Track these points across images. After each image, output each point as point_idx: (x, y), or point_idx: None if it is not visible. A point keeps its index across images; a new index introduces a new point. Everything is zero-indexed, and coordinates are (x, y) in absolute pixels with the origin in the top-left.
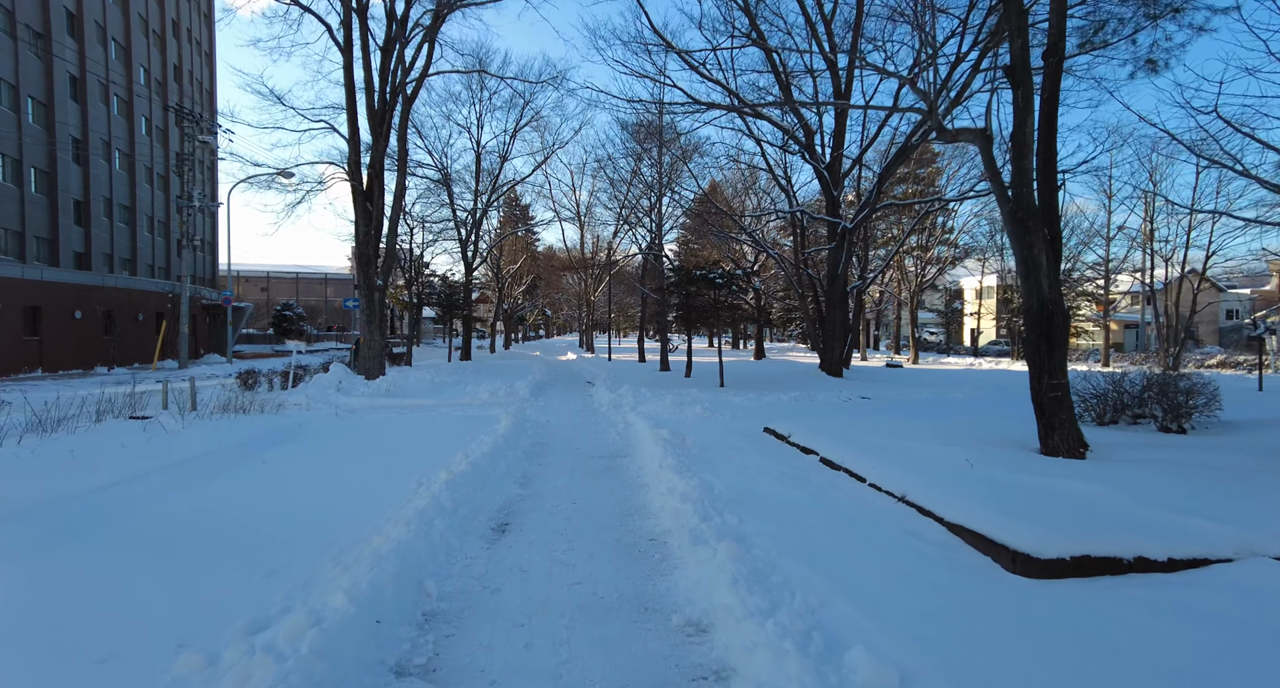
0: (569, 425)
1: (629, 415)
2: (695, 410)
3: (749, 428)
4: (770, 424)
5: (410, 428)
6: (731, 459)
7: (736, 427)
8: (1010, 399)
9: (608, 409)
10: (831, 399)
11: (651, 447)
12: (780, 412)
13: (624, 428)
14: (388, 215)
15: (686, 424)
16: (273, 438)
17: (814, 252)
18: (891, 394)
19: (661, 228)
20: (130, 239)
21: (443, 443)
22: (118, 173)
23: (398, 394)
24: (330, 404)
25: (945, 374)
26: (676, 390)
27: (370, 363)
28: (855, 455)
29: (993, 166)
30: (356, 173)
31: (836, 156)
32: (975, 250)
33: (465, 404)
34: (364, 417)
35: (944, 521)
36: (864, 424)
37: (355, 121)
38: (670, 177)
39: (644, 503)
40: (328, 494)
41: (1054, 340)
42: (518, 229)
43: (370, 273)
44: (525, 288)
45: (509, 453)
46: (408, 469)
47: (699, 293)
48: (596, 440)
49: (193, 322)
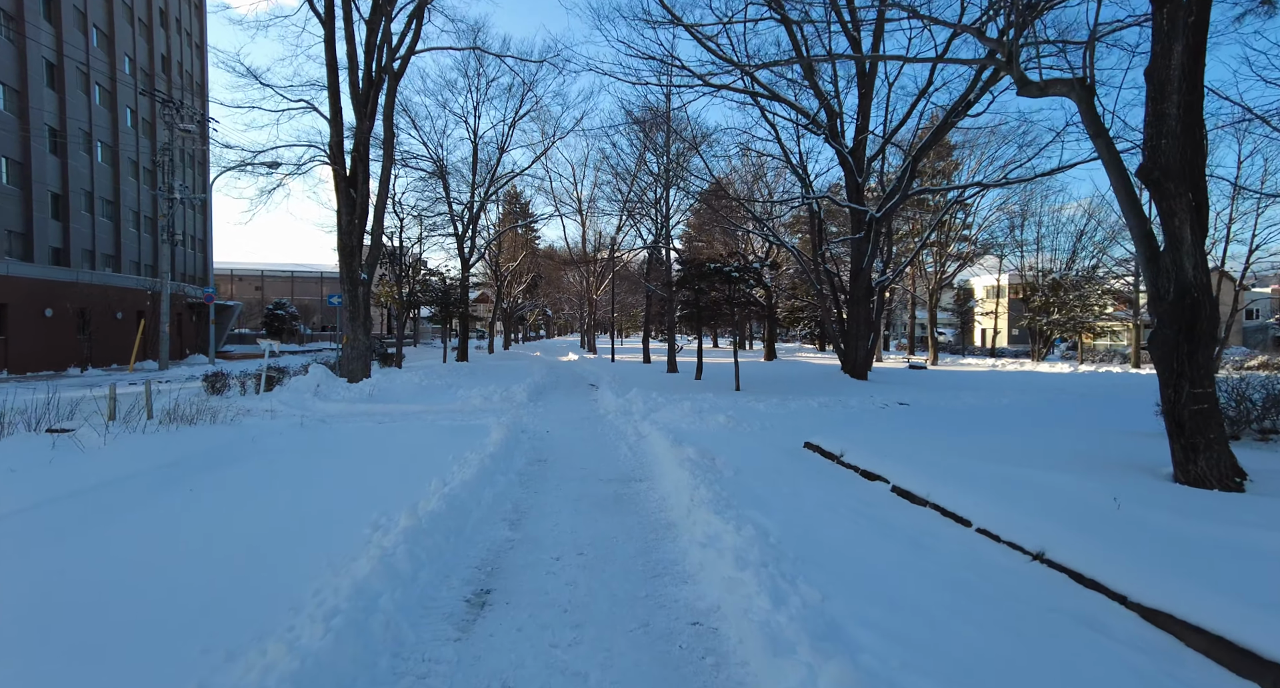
0: (571, 438)
1: (641, 426)
2: (718, 420)
3: (785, 443)
4: (811, 438)
5: (385, 443)
6: (778, 488)
7: (771, 440)
8: (1070, 405)
9: (615, 417)
10: (866, 405)
11: (674, 469)
12: (814, 421)
13: (636, 441)
14: (373, 203)
15: (710, 437)
16: (213, 458)
17: (841, 241)
18: (930, 399)
19: (669, 220)
20: (114, 235)
21: (419, 464)
22: (100, 166)
23: (382, 399)
24: (304, 411)
25: (973, 376)
26: (690, 395)
27: (354, 364)
28: (940, 486)
29: (1097, 123)
30: (339, 157)
31: (860, 141)
32: (994, 247)
33: (455, 411)
34: (336, 428)
35: (1129, 601)
36: (925, 439)
37: (338, 101)
38: (679, 164)
39: (675, 556)
40: (246, 550)
41: (1199, 337)
42: (517, 224)
43: (354, 266)
44: (525, 287)
45: (498, 477)
46: (365, 506)
47: (711, 288)
48: (605, 458)
49: (177, 321)
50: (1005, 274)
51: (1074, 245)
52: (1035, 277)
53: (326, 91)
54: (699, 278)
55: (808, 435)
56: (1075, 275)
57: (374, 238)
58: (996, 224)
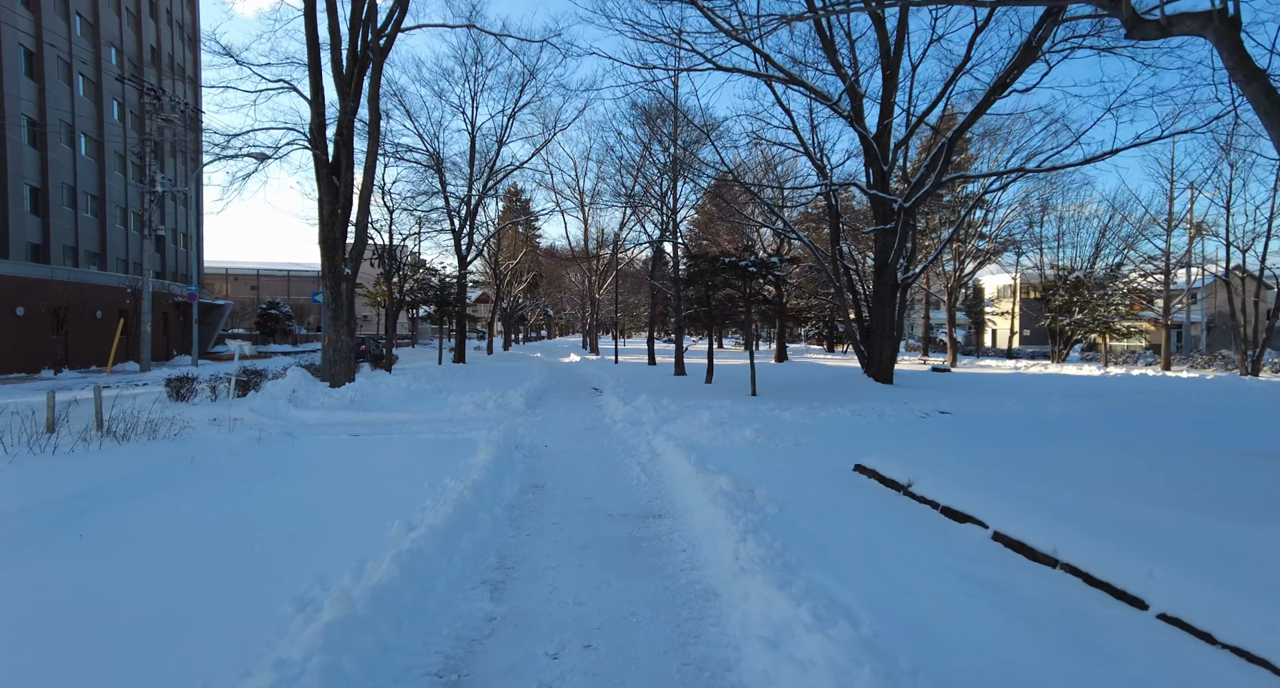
0: (573, 454)
1: (655, 440)
2: (743, 434)
3: (829, 463)
4: (862, 459)
5: (350, 465)
6: (843, 534)
7: (810, 461)
8: (1134, 415)
9: (624, 428)
10: (903, 415)
11: (703, 502)
12: (851, 434)
13: (650, 460)
14: (358, 192)
15: (738, 457)
16: (134, 485)
17: (871, 231)
18: (971, 407)
19: (676, 214)
20: (99, 231)
21: (385, 497)
22: (84, 159)
23: (364, 406)
24: (277, 419)
25: (1000, 379)
26: (704, 401)
27: (336, 367)
28: (1069, 535)
29: (1248, 64)
30: (320, 141)
31: (885, 125)
32: (1013, 244)
33: (444, 420)
34: (301, 442)
35: None
36: (1000, 461)
37: (319, 80)
38: (689, 150)
39: (726, 656)
40: (90, 656)
41: None
42: (517, 220)
43: (337, 260)
44: (526, 286)
45: (481, 515)
46: (292, 570)
47: (725, 284)
48: (614, 483)
49: (163, 320)
50: (1017, 273)
51: (1097, 241)
52: (1056, 275)
53: (307, 70)
54: (712, 273)
55: (853, 454)
56: (1100, 273)
57: (359, 229)
58: (1015, 221)
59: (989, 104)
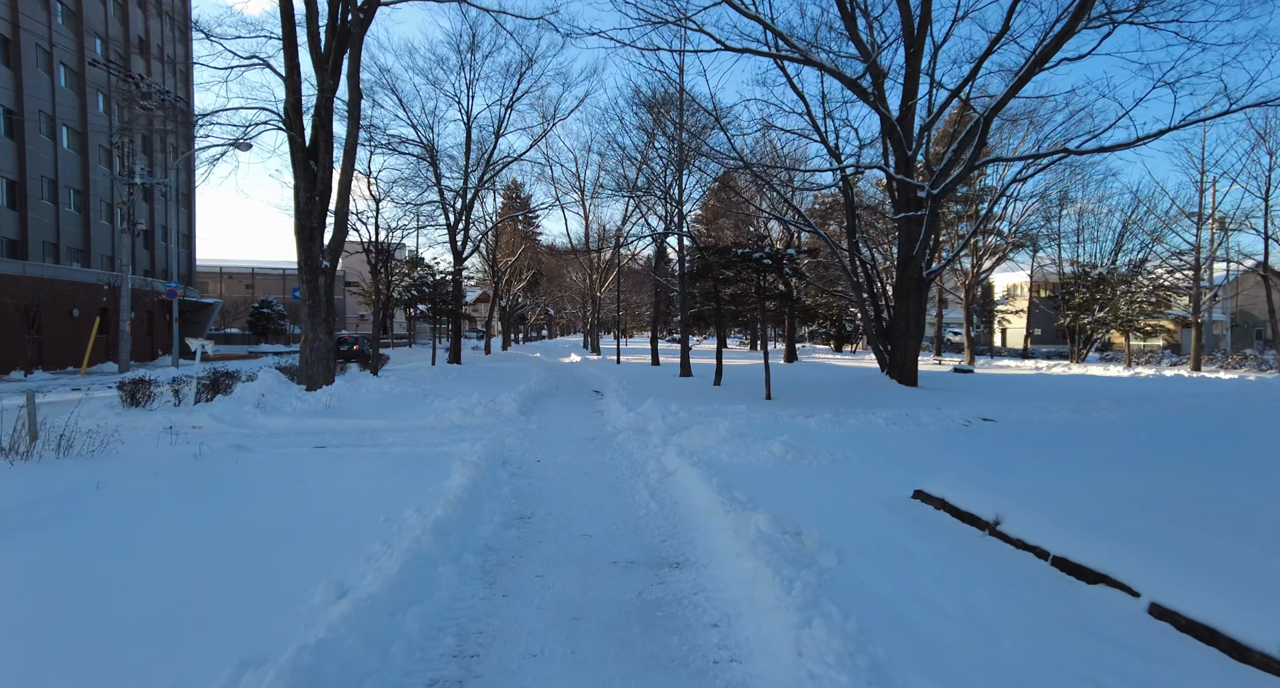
0: (569, 473)
1: (665, 455)
2: (770, 449)
3: (881, 488)
4: (923, 484)
5: (298, 489)
6: (937, 605)
7: (857, 484)
8: (1201, 422)
9: (628, 439)
10: (943, 423)
11: (737, 553)
12: (895, 448)
13: (661, 481)
14: (338, 177)
15: (768, 478)
16: (9, 521)
17: (902, 216)
18: (1015, 413)
19: (681, 206)
20: (82, 227)
21: (324, 536)
22: (66, 152)
23: (339, 412)
24: (240, 427)
25: (1028, 381)
26: (715, 406)
27: (314, 369)
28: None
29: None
30: (296, 122)
31: (909, 107)
32: (1031, 240)
33: (426, 428)
34: (249, 459)
35: None
36: (1116, 490)
37: (294, 56)
38: (698, 136)
39: None
40: None
41: None
42: (515, 214)
43: (314, 251)
44: (525, 284)
45: (442, 570)
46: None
47: (736, 278)
48: (618, 514)
49: (148, 319)
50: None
51: (1119, 236)
52: (1075, 272)
53: (282, 44)
54: (723, 267)
55: (904, 474)
56: (1123, 269)
57: (339, 219)
58: (1033, 216)
59: (1031, 75)
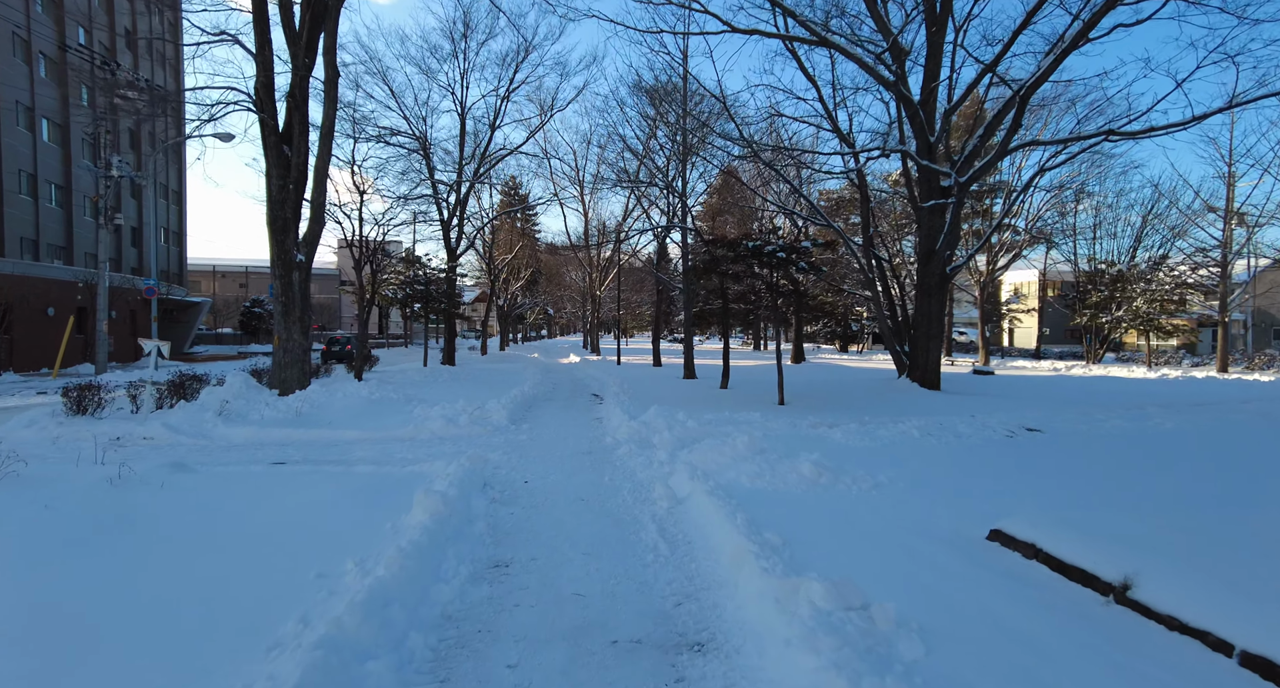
0: (561, 501)
1: (676, 478)
2: (799, 470)
3: (943, 524)
4: (1001, 523)
5: (223, 529)
6: None
7: (912, 519)
8: (1264, 426)
9: (631, 453)
10: (984, 434)
11: (785, 643)
12: (941, 467)
13: (671, 511)
14: (314, 164)
15: (801, 509)
16: None
17: (930, 205)
18: (1059, 421)
19: (686, 199)
20: (64, 223)
21: (229, 611)
22: (47, 145)
23: (310, 421)
24: (200, 438)
25: (1056, 383)
26: (725, 412)
27: (287, 372)
28: None
29: None
30: (268, 103)
31: (931, 90)
32: (1048, 236)
33: (404, 439)
34: (180, 483)
35: None
36: (1264, 531)
37: (266, 31)
38: (703, 123)
39: None
40: None
41: None
42: (513, 209)
43: (287, 244)
44: (524, 283)
45: (377, 659)
46: None
47: (745, 274)
48: (620, 561)
49: (130, 318)
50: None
51: (1138, 231)
52: (1092, 269)
53: (252, 17)
54: (732, 261)
55: (964, 501)
56: (1143, 265)
57: (315, 209)
58: (1048, 212)
59: (1077, 45)
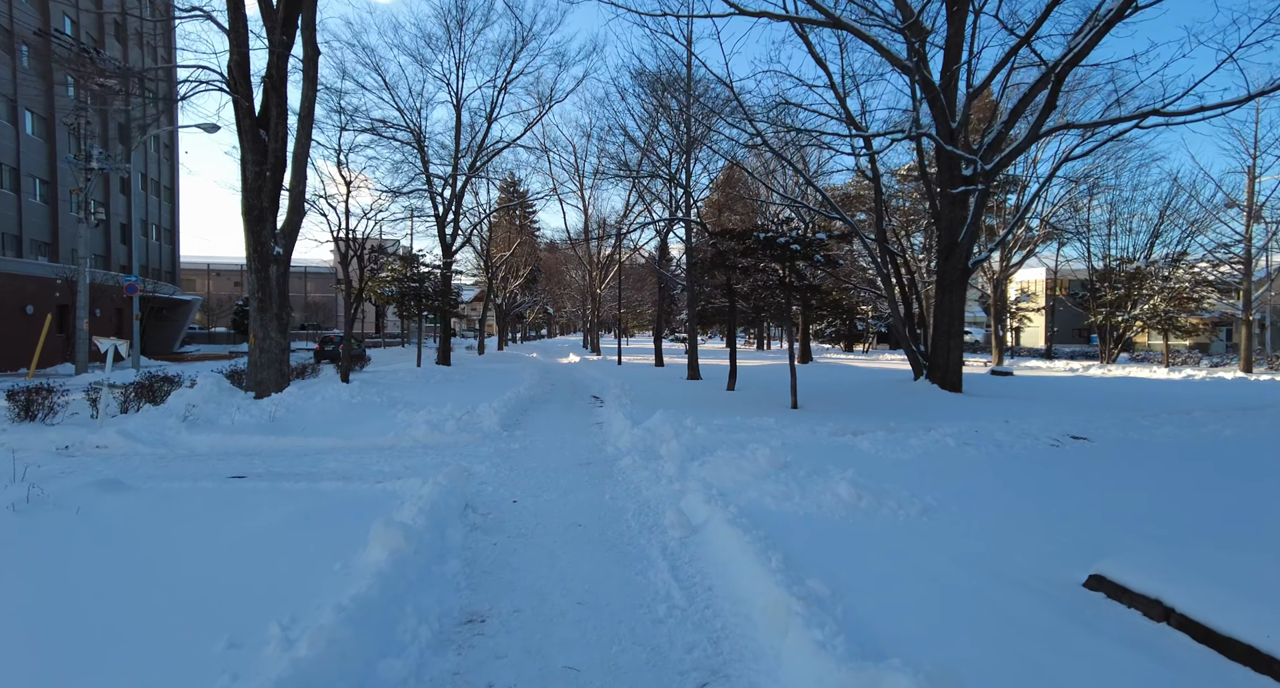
0: (554, 527)
1: (689, 499)
2: (834, 491)
3: (1018, 562)
4: (1101, 568)
5: (139, 574)
6: None
7: (982, 558)
8: None
9: (635, 465)
10: (1026, 443)
11: None
12: (988, 482)
13: (685, 543)
14: (292, 149)
15: (846, 545)
16: None
17: (961, 191)
18: (1102, 427)
19: (690, 193)
20: (49, 219)
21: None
22: (30, 138)
23: (284, 427)
24: (162, 447)
25: (1079, 385)
26: (737, 417)
27: (264, 373)
28: None
29: None
30: (243, 83)
31: (952, 72)
32: (1065, 231)
33: (383, 448)
34: (101, 510)
35: None
36: None
37: (240, 6)
38: (711, 108)
39: None
40: None
41: None
42: (511, 204)
43: (263, 236)
44: (523, 281)
45: None
46: None
47: (755, 268)
48: (625, 615)
49: (116, 317)
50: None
51: (1155, 227)
52: (1106, 266)
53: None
54: (741, 253)
55: (1040, 534)
56: (1161, 262)
57: (294, 198)
58: (1062, 208)
59: (1121, 17)
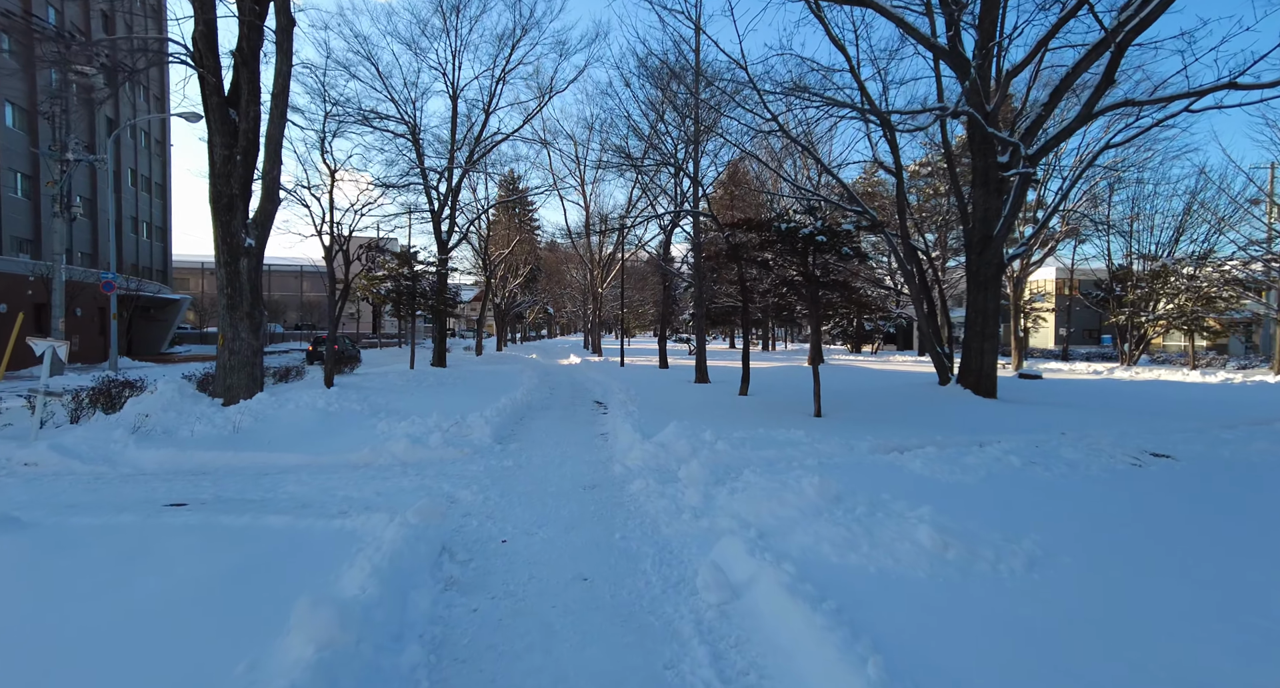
0: (552, 582)
1: (724, 549)
2: (918, 539)
3: (1204, 665)
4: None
5: None
6: None
7: (1149, 649)
8: None
9: (649, 492)
10: (1102, 462)
11: None
12: (1083, 518)
13: (725, 613)
14: (265, 131)
15: (950, 623)
16: None
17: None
18: (1178, 443)
19: (698, 179)
20: (31, 215)
21: None
22: (10, 131)
23: (249, 440)
24: (97, 464)
25: (1117, 389)
26: (760, 429)
27: (234, 377)
28: None
29: None
30: (209, 57)
31: (987, 51)
32: (1086, 226)
33: (358, 465)
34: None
35: None
36: None
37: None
38: (723, 91)
39: None
40: None
41: None
42: (510, 199)
43: (233, 226)
44: (522, 281)
45: None
46: None
47: (774, 263)
48: None
49: (100, 316)
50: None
51: (1180, 222)
52: (1128, 263)
53: None
54: (758, 246)
55: (1202, 601)
56: (1187, 260)
57: (268, 184)
58: (1083, 204)
59: None
